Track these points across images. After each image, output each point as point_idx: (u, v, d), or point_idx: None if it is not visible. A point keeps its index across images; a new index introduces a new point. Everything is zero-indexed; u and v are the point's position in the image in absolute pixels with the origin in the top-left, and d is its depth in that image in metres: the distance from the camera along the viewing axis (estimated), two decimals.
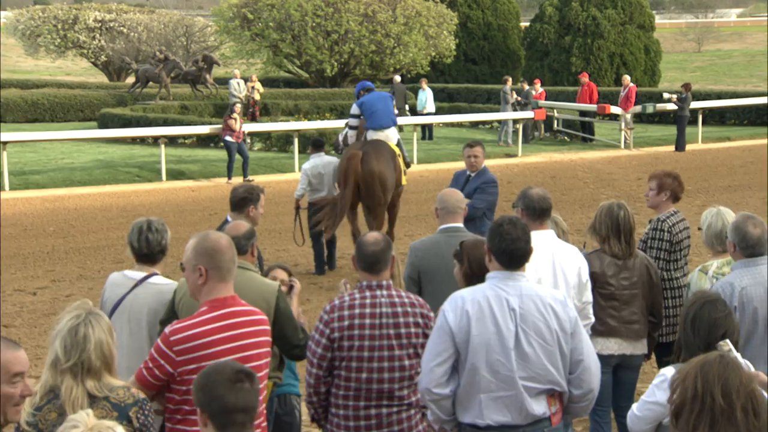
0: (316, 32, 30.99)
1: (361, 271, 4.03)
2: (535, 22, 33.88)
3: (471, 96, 30.73)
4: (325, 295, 9.29)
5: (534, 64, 33.26)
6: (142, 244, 4.46)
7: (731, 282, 4.41)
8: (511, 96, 22.97)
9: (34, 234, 12.54)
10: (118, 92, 30.39)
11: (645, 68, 32.33)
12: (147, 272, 4.54)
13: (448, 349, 3.62)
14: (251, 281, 4.18)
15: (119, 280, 4.58)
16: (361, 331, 3.89)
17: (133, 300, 4.47)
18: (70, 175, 17.24)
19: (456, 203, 5.18)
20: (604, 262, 5.16)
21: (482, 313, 3.61)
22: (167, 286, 4.51)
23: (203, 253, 3.57)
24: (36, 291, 9.69)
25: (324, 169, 10.20)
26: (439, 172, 18.25)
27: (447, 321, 3.63)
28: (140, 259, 4.53)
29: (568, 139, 23.47)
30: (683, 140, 21.08)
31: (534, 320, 3.63)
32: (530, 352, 3.62)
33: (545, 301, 3.68)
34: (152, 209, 14.32)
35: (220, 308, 3.54)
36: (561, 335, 3.66)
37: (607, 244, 5.18)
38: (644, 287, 5.22)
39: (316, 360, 3.93)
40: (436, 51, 32.86)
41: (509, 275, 3.70)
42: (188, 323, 3.51)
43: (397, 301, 3.97)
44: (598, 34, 31.57)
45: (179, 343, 3.47)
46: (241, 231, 4.42)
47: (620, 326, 5.18)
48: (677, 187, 5.76)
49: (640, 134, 23.15)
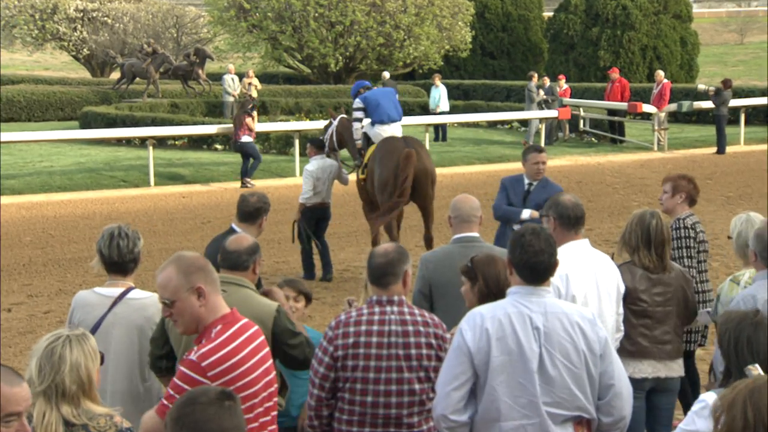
0: (318, 23, 31.08)
1: (371, 284, 4.04)
2: (559, 11, 33.90)
3: (489, 93, 30.76)
4: (329, 311, 9.30)
5: (558, 58, 33.26)
6: (112, 251, 4.49)
7: (753, 294, 4.42)
8: (537, 94, 22.96)
9: (9, 244, 12.58)
10: (101, 89, 30.53)
11: (681, 62, 32.29)
12: (123, 287, 4.55)
13: (467, 371, 3.62)
14: (248, 300, 4.19)
15: (90, 299, 4.57)
16: (367, 349, 3.89)
17: (114, 320, 4.49)
18: (49, 180, 17.31)
19: (471, 211, 5.19)
20: (635, 276, 5.15)
21: (503, 332, 3.61)
22: (149, 299, 4.54)
23: (195, 271, 3.54)
24: (11, 307, 9.71)
25: (323, 172, 10.50)
26: (453, 177, 18.27)
27: (465, 340, 3.63)
28: (111, 269, 4.55)
29: (595, 141, 23.45)
30: (723, 141, 21.04)
31: (560, 340, 3.64)
32: (555, 375, 3.61)
33: (572, 320, 3.69)
34: (139, 217, 14.37)
35: (234, 323, 3.57)
36: (589, 357, 3.66)
37: (636, 256, 5.18)
38: (679, 304, 5.22)
39: (318, 380, 3.93)
40: (451, 44, 32.91)
41: (532, 290, 3.71)
42: (214, 345, 3.48)
43: (409, 319, 3.95)
44: (629, 24, 31.56)
45: (213, 368, 3.43)
46: (244, 245, 4.42)
47: (652, 346, 5.17)
48: (692, 189, 5.99)
49: (676, 135, 23.12)
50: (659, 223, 5.20)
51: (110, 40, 37.49)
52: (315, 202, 10.53)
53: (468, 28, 33.30)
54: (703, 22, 56.49)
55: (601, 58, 31.56)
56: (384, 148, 10.26)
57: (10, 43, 41.26)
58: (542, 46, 35.70)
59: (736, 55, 53.98)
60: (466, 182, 17.69)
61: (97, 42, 37.94)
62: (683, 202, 5.99)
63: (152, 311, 4.53)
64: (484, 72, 35.42)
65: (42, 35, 39.68)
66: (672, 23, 32.15)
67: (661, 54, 31.76)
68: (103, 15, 39.40)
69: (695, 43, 32.94)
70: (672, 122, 24.16)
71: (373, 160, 10.36)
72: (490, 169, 19.43)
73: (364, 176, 10.58)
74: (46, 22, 39.30)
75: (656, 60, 31.62)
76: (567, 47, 33.14)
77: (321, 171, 10.51)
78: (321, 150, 10.80)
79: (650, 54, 31.76)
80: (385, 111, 10.71)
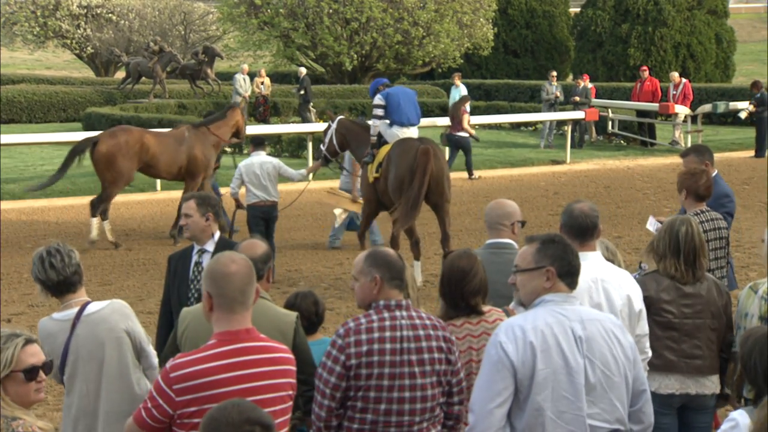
0: (333, 20, 31.17)
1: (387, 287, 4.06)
2: (586, 7, 33.88)
3: (512, 93, 30.75)
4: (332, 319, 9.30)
5: (585, 56, 33.23)
6: (49, 273, 4.50)
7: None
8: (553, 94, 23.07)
9: (9, 252, 12.66)
10: (105, 89, 30.72)
11: (716, 61, 32.17)
12: (77, 305, 4.56)
13: (509, 387, 3.64)
14: (265, 311, 4.20)
15: (50, 327, 4.61)
16: (381, 357, 3.91)
17: (78, 343, 4.52)
18: None
19: (497, 218, 5.21)
20: (660, 286, 5.08)
21: (547, 344, 3.64)
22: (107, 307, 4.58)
23: (208, 277, 3.59)
24: (10, 318, 9.76)
25: (260, 169, 10.79)
26: (474, 182, 18.30)
27: (507, 354, 3.64)
28: (57, 291, 4.56)
29: (624, 143, 23.40)
30: (763, 144, 20.96)
31: (600, 348, 3.68)
32: (597, 386, 3.66)
33: (606, 327, 3.74)
34: (145, 222, 14.44)
35: (230, 343, 3.53)
36: (626, 364, 3.73)
37: (663, 264, 5.13)
38: (713, 317, 5.16)
39: (328, 390, 3.94)
40: (472, 41, 32.92)
41: (566, 298, 3.76)
42: (191, 358, 3.51)
43: (418, 323, 4.00)
44: (661, 21, 31.48)
45: (179, 381, 3.46)
46: (258, 252, 4.41)
47: (679, 361, 5.10)
48: (693, 184, 6.12)
49: (710, 137, 23.03)
50: (690, 230, 5.12)
51: (115, 38, 37.74)
52: (255, 201, 10.76)
53: (490, 24, 33.31)
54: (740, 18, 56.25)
55: (631, 57, 31.50)
56: (399, 147, 10.51)
57: (11, 41, 41.57)
58: (568, 43, 35.66)
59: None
60: (488, 187, 17.70)
61: (101, 40, 38.20)
62: (687, 198, 6.17)
63: (113, 320, 4.57)
64: (506, 71, 35.40)
65: (44, 33, 39.98)
66: (707, 19, 32.04)
67: (695, 52, 31.65)
68: (107, 11, 39.66)
69: (731, 40, 32.82)
70: (706, 124, 24.09)
71: (388, 161, 10.52)
72: (513, 173, 19.43)
73: (378, 175, 10.71)
74: (48, 19, 39.59)
75: (690, 58, 31.54)
76: (594, 45, 33.09)
77: (251, 167, 10.76)
78: (259, 147, 11.07)
79: (683, 52, 31.65)
80: (405, 113, 10.88)
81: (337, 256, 12.08)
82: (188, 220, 5.56)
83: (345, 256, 12.00)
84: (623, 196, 16.42)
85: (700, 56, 31.66)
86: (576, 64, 33.75)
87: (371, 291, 3.99)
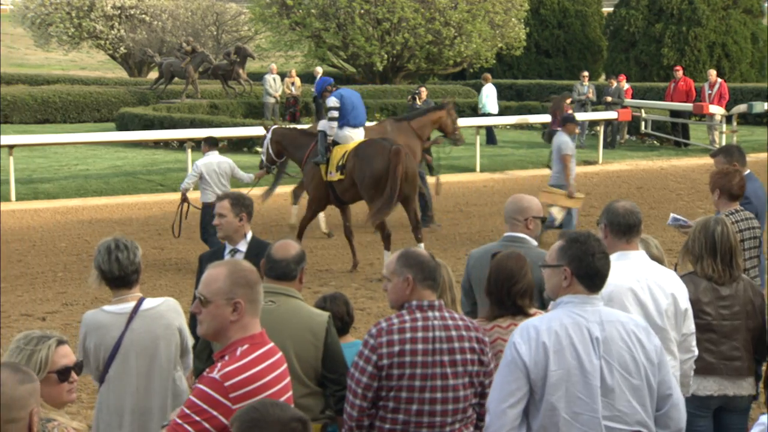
0: (364, 20, 31.21)
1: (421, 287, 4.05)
2: (619, 7, 33.65)
3: (544, 94, 30.61)
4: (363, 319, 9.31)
5: (618, 56, 33.02)
6: (112, 266, 4.53)
7: None
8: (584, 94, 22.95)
9: (44, 251, 12.80)
10: (139, 89, 30.96)
11: (752, 61, 31.86)
12: (133, 300, 4.59)
13: (522, 387, 3.65)
14: (298, 311, 4.23)
15: (102, 319, 4.60)
16: (413, 357, 3.93)
17: (133, 338, 4.54)
18: (85, 184, 17.59)
19: (511, 213, 5.29)
20: (698, 287, 5.08)
21: (560, 345, 3.63)
22: (163, 305, 4.62)
23: (243, 284, 3.51)
24: (45, 316, 9.86)
25: (218, 168, 11.27)
26: (505, 182, 18.23)
27: (520, 354, 3.65)
28: (114, 284, 4.59)
29: (657, 144, 23.24)
30: None
31: (618, 350, 3.66)
32: (614, 388, 3.64)
33: (628, 328, 3.71)
34: None
35: (262, 345, 3.54)
36: (648, 367, 3.69)
37: (699, 265, 5.12)
38: (748, 318, 5.15)
39: (360, 390, 3.96)
40: (504, 42, 32.84)
41: (587, 299, 3.73)
42: (239, 365, 3.45)
43: (451, 324, 4.01)
44: (696, 20, 31.22)
45: (236, 389, 3.38)
46: (291, 253, 4.41)
47: (719, 363, 5.10)
48: (725, 183, 6.11)
49: (746, 138, 22.81)
50: (725, 230, 5.12)
51: (148, 39, 38.02)
52: (210, 201, 10.91)
53: (522, 24, 33.20)
54: None
55: (665, 56, 31.26)
56: (370, 148, 11.07)
57: (46, 42, 41.98)
58: (601, 43, 35.46)
59: None
60: (519, 188, 17.62)
61: (134, 40, 38.50)
62: (720, 197, 6.15)
63: (170, 317, 4.62)
64: (538, 71, 35.27)
65: (78, 33, 40.35)
66: (742, 18, 31.74)
67: (730, 51, 31.36)
68: (141, 12, 39.97)
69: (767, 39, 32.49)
70: (742, 124, 23.87)
71: (358, 162, 11.00)
72: (545, 173, 19.32)
73: (342, 177, 11.17)
74: (82, 20, 39.96)
75: (725, 58, 31.25)
76: (628, 45, 32.88)
77: (210, 166, 11.19)
78: (213, 147, 11.49)
79: (718, 51, 31.37)
80: (360, 114, 11.50)
81: (367, 256, 12.09)
82: (222, 220, 5.59)
83: (375, 256, 12.02)
84: (656, 197, 16.31)
85: (736, 56, 31.37)
86: (609, 64, 33.55)
87: (404, 291, 4.00)
